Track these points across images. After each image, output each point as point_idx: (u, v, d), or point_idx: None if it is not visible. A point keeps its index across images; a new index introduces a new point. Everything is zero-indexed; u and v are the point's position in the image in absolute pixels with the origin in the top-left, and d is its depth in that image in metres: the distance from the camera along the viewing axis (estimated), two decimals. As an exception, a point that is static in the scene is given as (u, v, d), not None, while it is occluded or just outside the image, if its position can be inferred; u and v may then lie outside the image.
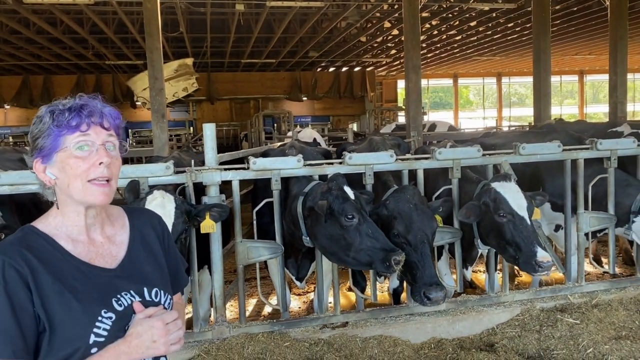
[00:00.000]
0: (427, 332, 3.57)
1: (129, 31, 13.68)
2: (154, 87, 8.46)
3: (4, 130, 21.08)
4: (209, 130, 3.44)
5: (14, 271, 1.28)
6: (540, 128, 6.32)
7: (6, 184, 3.06)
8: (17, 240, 1.35)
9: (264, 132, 14.12)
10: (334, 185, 2.99)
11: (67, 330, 1.30)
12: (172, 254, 1.63)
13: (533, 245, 3.13)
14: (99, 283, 1.38)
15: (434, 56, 21.65)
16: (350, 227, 2.87)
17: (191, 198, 3.33)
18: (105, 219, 1.49)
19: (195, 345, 3.28)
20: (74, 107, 1.37)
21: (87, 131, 1.36)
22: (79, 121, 1.35)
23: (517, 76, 30.88)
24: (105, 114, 1.41)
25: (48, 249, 1.36)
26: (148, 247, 1.53)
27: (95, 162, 1.35)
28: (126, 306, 1.38)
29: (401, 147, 5.12)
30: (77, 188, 1.36)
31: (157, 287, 1.47)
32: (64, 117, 1.35)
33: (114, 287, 1.39)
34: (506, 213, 3.23)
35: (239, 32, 15.16)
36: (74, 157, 1.35)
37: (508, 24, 15.41)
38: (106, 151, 1.37)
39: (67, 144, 1.35)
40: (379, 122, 21.98)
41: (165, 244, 1.60)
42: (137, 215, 1.59)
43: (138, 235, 1.53)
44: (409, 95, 9.45)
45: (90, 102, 1.39)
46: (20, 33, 13.53)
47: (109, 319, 1.34)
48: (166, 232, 1.63)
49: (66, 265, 1.36)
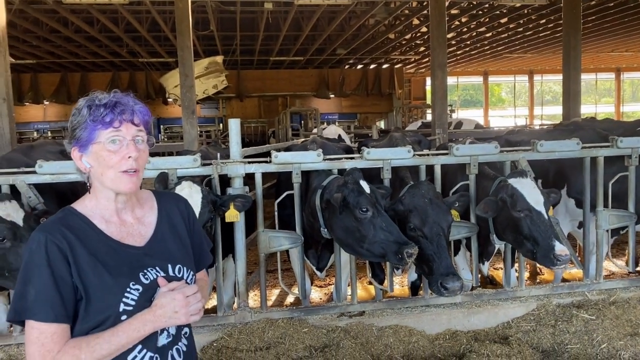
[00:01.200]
0: (442, 323, 3.66)
1: (161, 29, 14.08)
2: (185, 84, 8.74)
3: (43, 126, 21.95)
4: (234, 125, 3.62)
5: (55, 246, 1.46)
6: (567, 126, 6.26)
7: (48, 173, 3.31)
8: (58, 220, 1.53)
9: (290, 129, 14.32)
10: (350, 179, 3.12)
11: (100, 299, 1.47)
12: (196, 234, 1.78)
13: (551, 239, 3.19)
14: (128, 259, 1.55)
15: (463, 53, 21.42)
16: (364, 220, 2.99)
17: (217, 189, 3.52)
18: (135, 202, 1.65)
19: (219, 329, 3.47)
20: (108, 104, 1.52)
21: (119, 127, 1.51)
22: (112, 118, 1.51)
23: (549, 74, 30.16)
24: (136, 111, 1.56)
25: (84, 228, 1.53)
26: (173, 228, 1.69)
27: (125, 155, 1.51)
28: (152, 280, 1.54)
29: (422, 144, 5.19)
30: (109, 177, 1.52)
31: (180, 264, 1.63)
32: (99, 112, 1.51)
33: (142, 263, 1.56)
34: (523, 208, 3.28)
35: (268, 30, 15.39)
36: (107, 150, 1.51)
37: (540, 21, 15.13)
38: (135, 146, 1.53)
39: (101, 138, 1.51)
40: (406, 119, 21.89)
41: (190, 225, 1.75)
42: (164, 199, 1.75)
43: (165, 217, 1.69)
44: (435, 93, 9.46)
45: (123, 100, 1.55)
46: (59, 32, 14.10)
47: (136, 291, 1.51)
48: (191, 214, 1.78)
49: (100, 243, 1.53)
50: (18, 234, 2.93)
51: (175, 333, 1.60)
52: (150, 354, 1.53)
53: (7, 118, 7.02)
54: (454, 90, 30.67)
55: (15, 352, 3.27)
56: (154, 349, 1.53)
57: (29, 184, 3.31)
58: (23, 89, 20.73)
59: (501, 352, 3.25)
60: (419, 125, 13.50)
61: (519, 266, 3.96)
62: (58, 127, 21.29)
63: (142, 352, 1.51)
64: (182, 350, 1.61)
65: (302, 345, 3.31)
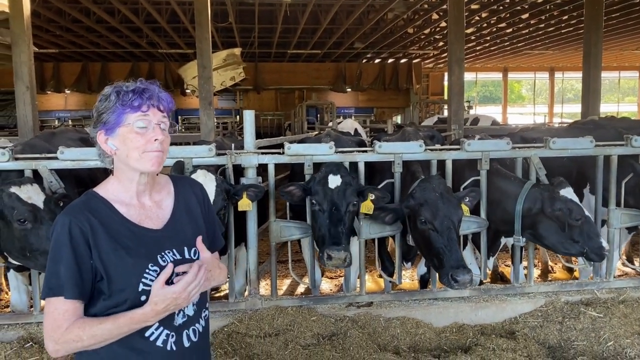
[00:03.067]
0: (450, 316, 3.70)
1: (180, 21, 14.21)
2: (203, 76, 8.84)
3: (64, 114, 22.36)
4: (249, 116, 3.69)
5: (78, 229, 1.55)
6: (583, 124, 6.20)
7: (68, 159, 3.43)
8: (82, 204, 1.62)
9: (306, 122, 14.36)
10: (323, 170, 3.43)
11: (121, 280, 1.56)
12: (210, 218, 1.84)
13: (599, 237, 3.47)
14: (146, 241, 1.62)
15: (483, 49, 21.16)
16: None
17: (230, 179, 3.60)
18: (154, 186, 1.73)
19: (230, 314, 3.57)
20: (137, 90, 1.60)
21: (147, 112, 1.60)
22: (140, 102, 1.59)
23: (571, 71, 29.60)
24: (162, 98, 1.64)
25: (106, 212, 1.62)
26: (190, 212, 1.76)
27: (151, 138, 1.59)
28: (169, 262, 1.61)
29: (435, 139, 5.20)
30: (134, 158, 1.60)
31: (195, 247, 1.70)
32: (128, 97, 1.59)
33: (159, 245, 1.64)
34: (582, 216, 3.44)
35: (286, 23, 15.42)
36: (134, 132, 1.59)
37: (562, 17, 14.87)
38: (160, 130, 1.62)
39: (129, 121, 1.59)
40: (423, 115, 21.76)
41: (205, 209, 1.82)
42: (181, 183, 1.82)
43: (181, 201, 1.76)
44: (452, 88, 9.40)
45: (150, 87, 1.63)
46: (81, 22, 14.32)
47: (154, 272, 1.58)
48: (206, 198, 1.85)
49: (120, 226, 1.61)
50: (39, 216, 3.05)
51: (193, 314, 1.67)
52: (167, 331, 1.61)
53: (30, 106, 7.22)
54: (473, 86, 30.33)
55: (35, 330, 3.40)
56: (171, 327, 1.62)
57: (51, 169, 3.43)
58: (45, 78, 21.10)
59: (507, 346, 3.29)
60: (434, 120, 13.43)
61: (528, 263, 3.97)
62: (78, 116, 21.68)
63: (159, 330, 1.60)
64: (198, 331, 1.69)
65: (310, 333, 3.39)
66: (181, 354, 1.64)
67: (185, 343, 1.65)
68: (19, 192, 3.08)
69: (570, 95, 32.40)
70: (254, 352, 3.25)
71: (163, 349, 1.60)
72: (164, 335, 1.60)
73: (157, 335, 1.60)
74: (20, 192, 3.09)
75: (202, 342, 1.72)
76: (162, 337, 1.60)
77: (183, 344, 1.64)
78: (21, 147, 3.89)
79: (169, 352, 1.61)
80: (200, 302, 1.70)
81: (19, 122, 7.31)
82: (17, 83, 7.18)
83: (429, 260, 3.41)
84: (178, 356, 1.63)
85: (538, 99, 31.65)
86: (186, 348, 1.65)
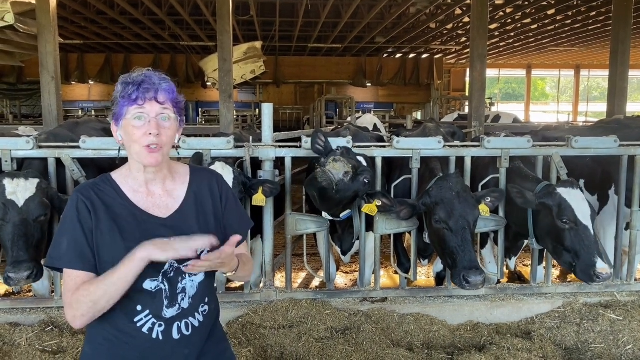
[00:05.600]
0: (465, 314, 3.67)
1: (202, 13, 14.28)
2: (223, 69, 8.88)
3: (87, 104, 22.73)
4: (267, 109, 3.71)
5: (84, 205, 1.62)
6: (608, 123, 6.05)
7: (90, 148, 3.50)
8: (92, 183, 1.69)
9: (325, 116, 14.34)
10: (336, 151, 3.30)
11: (109, 261, 1.57)
12: (229, 212, 1.80)
13: (594, 255, 3.14)
14: (145, 227, 1.64)
15: (506, 45, 20.80)
16: None
17: (248, 171, 3.62)
18: (168, 175, 1.74)
19: (244, 305, 3.60)
20: (136, 82, 1.62)
21: (143, 105, 1.61)
22: (137, 95, 1.61)
23: (598, 69, 28.90)
24: (160, 90, 1.64)
25: (112, 195, 1.66)
26: (199, 203, 1.75)
27: (147, 132, 1.61)
28: None
29: (456, 136, 5.16)
30: (134, 150, 1.64)
31: None
32: (128, 90, 1.62)
33: (156, 233, 1.62)
34: (570, 220, 3.21)
35: (307, 17, 15.38)
36: (132, 125, 1.62)
37: (590, 13, 14.52)
38: (157, 123, 1.61)
39: (128, 114, 1.63)
40: (444, 111, 21.52)
41: (223, 202, 1.79)
42: (198, 174, 1.82)
43: (193, 192, 1.76)
44: (473, 85, 9.27)
45: (148, 79, 1.63)
46: (105, 14, 14.51)
47: None
48: (225, 191, 1.82)
49: (123, 209, 1.65)
50: (9, 214, 3.06)
51: (188, 307, 1.66)
52: (154, 320, 1.61)
53: (54, 96, 7.36)
54: (495, 83, 29.89)
55: (56, 314, 3.49)
56: (158, 317, 1.61)
57: (73, 158, 3.50)
58: (70, 69, 21.47)
59: (522, 346, 3.25)
60: (455, 117, 13.27)
61: (547, 263, 3.91)
62: (101, 107, 22.01)
63: (147, 317, 1.61)
64: (192, 325, 1.66)
65: (324, 327, 3.41)
66: (169, 345, 1.63)
67: (174, 334, 1.63)
68: (7, 185, 3.09)
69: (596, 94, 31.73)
70: (267, 344, 3.28)
71: (148, 336, 1.61)
72: (149, 324, 1.61)
73: (144, 322, 1.61)
74: (8, 184, 3.10)
75: (197, 337, 1.68)
76: (148, 325, 1.61)
77: (172, 335, 1.63)
78: (45, 135, 3.98)
79: (154, 340, 1.61)
80: (197, 295, 1.68)
81: (43, 112, 7.46)
82: (42, 73, 7.32)
83: (443, 259, 3.39)
84: (165, 346, 1.62)
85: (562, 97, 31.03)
86: (175, 340, 1.63)
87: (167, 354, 1.63)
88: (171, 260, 1.58)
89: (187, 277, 1.65)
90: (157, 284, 1.61)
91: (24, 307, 3.57)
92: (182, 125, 1.73)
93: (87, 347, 1.69)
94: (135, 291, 1.58)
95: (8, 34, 8.02)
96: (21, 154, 3.48)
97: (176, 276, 1.64)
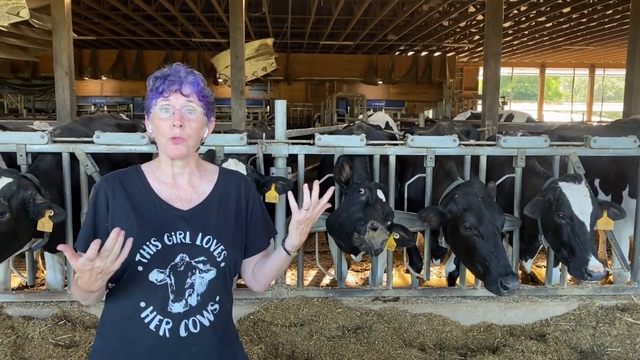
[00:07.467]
0: (478, 315, 3.63)
1: (215, 10, 14.30)
2: (235, 65, 8.89)
3: (100, 100, 22.92)
4: (280, 106, 3.68)
5: (103, 193, 1.65)
6: (625, 123, 5.95)
7: (104, 143, 3.51)
8: (118, 172, 1.72)
9: (336, 114, 14.31)
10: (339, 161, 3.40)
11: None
12: (254, 217, 1.78)
13: (587, 252, 3.10)
14: (162, 217, 1.64)
15: (520, 44, 20.58)
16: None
17: (261, 168, 3.61)
18: (195, 171, 1.74)
19: (256, 302, 3.59)
20: (162, 76, 1.65)
21: (168, 97, 1.63)
22: (163, 88, 1.63)
23: (613, 69, 28.49)
24: (185, 82, 1.64)
25: (137, 184, 1.69)
26: (223, 202, 1.73)
27: (170, 124, 1.61)
28: (174, 243, 1.62)
29: (471, 135, 5.11)
30: (161, 143, 1.66)
31: (211, 236, 1.66)
32: (156, 83, 1.65)
33: (173, 225, 1.62)
34: (566, 215, 3.18)
35: (319, 14, 15.34)
36: (158, 117, 1.63)
37: (606, 11, 14.30)
38: (181, 115, 1.62)
39: (156, 107, 1.65)
40: (456, 109, 21.36)
41: (249, 206, 1.78)
42: (226, 175, 1.82)
43: (218, 190, 1.75)
44: (487, 83, 9.19)
45: (174, 72, 1.65)
46: (118, 10, 14.59)
47: (154, 247, 1.60)
48: (252, 196, 1.80)
49: (145, 198, 1.67)
50: None
51: (196, 305, 1.62)
52: (160, 317, 1.59)
53: (68, 91, 7.42)
54: (508, 82, 29.62)
55: (68, 308, 3.51)
56: (164, 313, 1.59)
57: (87, 153, 3.51)
58: (83, 64, 21.63)
59: (537, 348, 3.21)
60: (467, 115, 13.19)
61: (562, 264, 3.85)
62: (113, 102, 22.16)
63: (153, 314, 1.60)
64: (200, 323, 1.62)
65: (336, 325, 3.38)
66: (176, 343, 1.60)
67: (182, 332, 1.60)
68: None
69: (611, 94, 31.30)
70: (278, 341, 3.26)
71: (155, 333, 1.59)
72: (156, 320, 1.59)
73: (150, 318, 1.59)
74: None
75: (205, 337, 1.63)
76: (154, 322, 1.59)
77: (179, 333, 1.60)
78: (60, 130, 4.00)
79: (161, 337, 1.59)
80: (207, 293, 1.64)
81: (57, 107, 7.53)
82: (56, 68, 7.38)
83: (473, 268, 3.23)
84: (172, 343, 1.59)
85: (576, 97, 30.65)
86: (182, 338, 1.60)
87: (175, 352, 1.60)
88: (182, 254, 1.60)
89: (197, 274, 1.63)
90: (163, 276, 1.60)
91: (37, 300, 3.59)
92: (211, 120, 1.74)
93: (98, 341, 1.69)
94: (140, 282, 1.58)
95: (23, 29, 8.10)
96: (36, 148, 3.50)
97: (186, 271, 1.61)
